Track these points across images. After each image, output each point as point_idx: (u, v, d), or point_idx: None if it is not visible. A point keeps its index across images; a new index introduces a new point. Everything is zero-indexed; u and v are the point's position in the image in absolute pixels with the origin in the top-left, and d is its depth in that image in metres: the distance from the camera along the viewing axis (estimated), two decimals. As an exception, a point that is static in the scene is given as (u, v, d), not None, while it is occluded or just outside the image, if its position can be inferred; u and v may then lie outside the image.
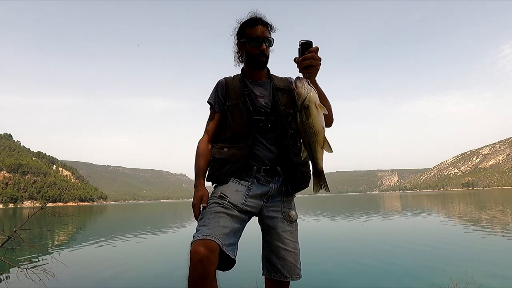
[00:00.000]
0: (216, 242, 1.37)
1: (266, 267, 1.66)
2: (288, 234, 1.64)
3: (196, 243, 1.36)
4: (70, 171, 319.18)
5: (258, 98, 1.70)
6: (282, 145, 1.65)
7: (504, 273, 5.15)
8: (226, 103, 1.71)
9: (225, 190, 1.58)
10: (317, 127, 1.39)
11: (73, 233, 14.77)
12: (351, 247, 8.13)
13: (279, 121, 1.66)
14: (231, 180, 1.62)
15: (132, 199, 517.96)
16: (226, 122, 1.71)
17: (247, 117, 1.64)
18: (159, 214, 33.80)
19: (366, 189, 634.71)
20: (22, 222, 3.55)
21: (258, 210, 1.64)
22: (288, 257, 1.62)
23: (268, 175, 1.63)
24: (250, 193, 1.60)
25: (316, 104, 1.39)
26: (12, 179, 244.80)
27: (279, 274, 1.62)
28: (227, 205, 1.53)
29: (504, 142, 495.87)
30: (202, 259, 1.32)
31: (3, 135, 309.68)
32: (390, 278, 5.11)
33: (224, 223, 1.46)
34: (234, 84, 1.74)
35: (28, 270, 3.37)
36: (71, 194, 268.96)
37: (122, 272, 6.41)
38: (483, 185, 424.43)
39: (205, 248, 1.34)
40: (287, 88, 1.75)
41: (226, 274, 1.47)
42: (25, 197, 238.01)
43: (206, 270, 1.33)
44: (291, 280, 1.63)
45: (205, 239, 1.36)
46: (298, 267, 1.66)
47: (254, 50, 1.67)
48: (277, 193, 1.67)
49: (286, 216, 1.66)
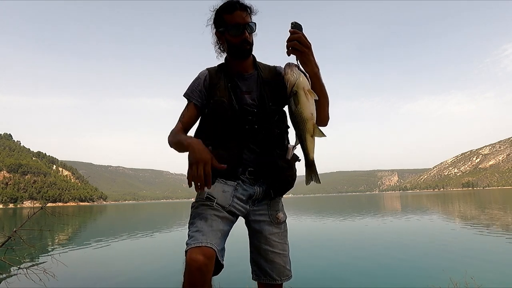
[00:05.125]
0: (213, 248, 1.33)
1: (255, 271, 1.60)
2: (276, 236, 1.58)
3: (193, 251, 1.30)
4: (70, 171, 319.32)
5: (244, 94, 1.56)
6: (267, 146, 1.54)
7: (504, 273, 5.15)
8: (210, 99, 1.56)
9: (211, 191, 1.49)
10: (305, 114, 1.31)
11: (73, 233, 14.77)
12: (350, 247, 8.13)
13: (265, 120, 1.54)
14: (217, 181, 1.52)
15: (132, 199, 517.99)
16: (207, 120, 1.58)
17: (233, 117, 1.52)
18: (159, 214, 33.80)
19: (366, 189, 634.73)
20: (22, 222, 3.55)
21: (244, 213, 1.57)
22: (276, 259, 1.55)
23: (253, 178, 1.54)
24: (237, 194, 1.52)
25: (305, 90, 1.31)
26: (12, 179, 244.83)
27: (268, 278, 1.56)
28: (216, 207, 1.46)
29: (504, 142, 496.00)
30: (201, 267, 1.28)
31: (3, 135, 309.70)
32: (390, 278, 5.11)
33: (216, 226, 1.41)
34: (218, 77, 1.58)
35: (28, 270, 3.37)
36: (71, 194, 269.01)
37: (122, 272, 6.41)
38: (483, 185, 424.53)
39: (203, 255, 1.29)
40: (275, 80, 1.61)
41: (226, 273, 1.50)
42: (25, 197, 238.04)
43: (204, 278, 1.29)
44: (281, 282, 1.57)
45: (202, 246, 1.30)
46: (288, 268, 1.60)
47: (236, 39, 1.50)
48: (263, 196, 1.58)
49: (273, 218, 1.60)
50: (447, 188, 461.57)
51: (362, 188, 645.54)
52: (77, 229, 16.79)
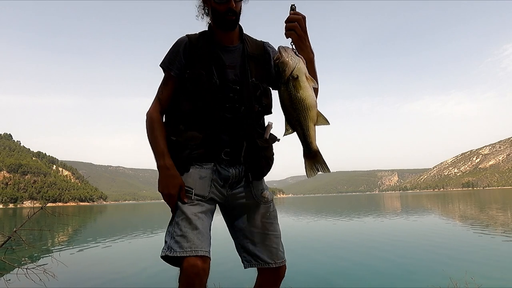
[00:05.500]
0: (208, 255, 1.29)
1: (245, 257, 1.47)
2: (265, 216, 1.47)
3: (191, 258, 1.25)
4: (70, 171, 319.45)
5: (227, 69, 1.42)
6: (245, 124, 1.41)
7: (504, 273, 5.15)
8: (187, 70, 1.40)
9: (188, 180, 1.37)
10: (309, 101, 1.24)
11: (73, 233, 14.77)
12: (350, 247, 8.12)
13: (246, 95, 1.40)
14: (192, 167, 1.39)
15: (132, 199, 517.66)
16: (183, 94, 1.41)
17: (212, 93, 1.37)
18: (159, 214, 33.79)
19: (366, 189, 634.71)
20: (22, 222, 3.55)
21: (223, 199, 1.45)
22: (267, 241, 1.44)
23: (229, 159, 1.41)
24: (215, 178, 1.40)
25: (307, 75, 1.25)
26: (12, 179, 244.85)
27: (259, 261, 1.43)
28: (195, 200, 1.35)
29: (504, 142, 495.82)
30: (200, 273, 1.25)
31: (3, 135, 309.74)
32: (390, 278, 5.11)
33: (202, 226, 1.33)
34: (199, 46, 1.42)
35: (28, 270, 3.36)
36: (71, 194, 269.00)
37: (122, 272, 6.41)
38: (483, 185, 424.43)
39: (201, 261, 1.26)
40: (261, 56, 1.49)
41: (226, 273, 1.46)
42: (25, 197, 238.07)
43: (202, 282, 1.27)
44: (275, 266, 1.43)
45: (203, 255, 1.27)
46: (281, 250, 1.47)
47: (221, 7, 1.36)
48: (240, 179, 1.46)
49: (259, 198, 1.48)
50: (447, 188, 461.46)
51: (362, 188, 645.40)
52: (77, 229, 16.79)
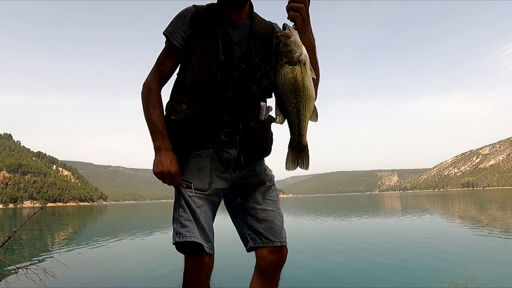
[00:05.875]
0: (212, 252, 1.30)
1: (249, 234, 1.42)
2: (268, 194, 1.45)
3: (199, 254, 1.26)
4: (70, 171, 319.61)
5: (234, 46, 1.33)
6: (241, 105, 1.35)
7: (504, 273, 5.14)
8: (192, 42, 1.30)
9: (185, 174, 1.31)
10: (312, 92, 1.17)
11: (73, 233, 14.77)
12: (350, 247, 8.12)
13: (248, 76, 1.34)
14: (191, 157, 1.33)
15: (132, 199, 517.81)
16: (186, 68, 1.33)
17: (216, 69, 1.28)
18: (159, 214, 33.79)
19: (366, 189, 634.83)
20: (22, 222, 3.55)
21: (228, 184, 1.40)
22: (271, 217, 1.40)
23: (228, 140, 1.35)
24: (215, 165, 1.34)
25: (310, 65, 1.19)
26: (12, 179, 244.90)
27: (263, 239, 1.38)
28: (196, 194, 1.30)
29: (504, 142, 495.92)
30: (205, 267, 1.27)
31: (3, 135, 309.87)
32: (390, 278, 5.11)
33: (205, 218, 1.30)
34: (206, 18, 1.32)
35: (28, 270, 3.36)
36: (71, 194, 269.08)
37: (122, 272, 6.41)
38: (483, 185, 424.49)
39: (208, 257, 1.27)
40: (269, 36, 1.38)
41: (226, 273, 1.47)
42: (25, 197, 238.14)
43: (207, 277, 1.29)
44: (280, 244, 1.39)
45: (206, 252, 1.27)
46: (284, 230, 1.44)
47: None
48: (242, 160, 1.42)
49: (263, 176, 1.45)
50: (447, 188, 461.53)
51: (362, 188, 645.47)
52: (77, 229, 16.79)
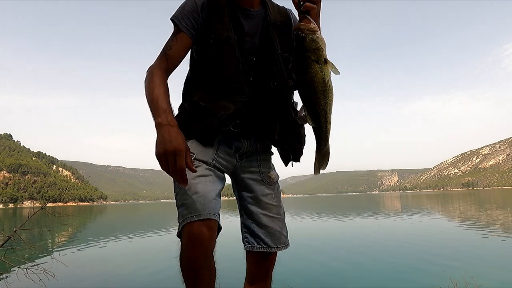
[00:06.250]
0: (215, 219, 1.14)
1: (247, 238, 1.37)
2: (269, 198, 1.37)
3: (196, 224, 1.10)
4: (70, 171, 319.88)
5: (246, 37, 1.23)
6: (279, 101, 1.29)
7: (504, 273, 5.14)
8: (211, 35, 1.19)
9: (189, 145, 1.18)
10: (333, 94, 1.11)
11: (73, 233, 14.77)
12: (350, 247, 8.12)
13: (276, 69, 1.26)
14: (192, 141, 1.23)
15: (132, 199, 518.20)
16: (205, 60, 1.22)
17: (239, 60, 1.20)
18: (159, 214, 33.80)
19: (366, 189, 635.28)
20: (22, 222, 3.55)
21: (231, 169, 1.34)
22: (270, 223, 1.34)
23: (238, 131, 1.28)
24: (221, 147, 1.27)
25: None
26: (12, 179, 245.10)
27: (262, 245, 1.34)
28: (197, 164, 1.19)
29: (504, 142, 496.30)
30: (204, 240, 1.11)
31: (3, 135, 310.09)
32: (390, 278, 5.11)
33: (207, 188, 1.17)
34: (218, 5, 1.20)
35: (28, 270, 3.36)
36: (71, 194, 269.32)
37: (122, 272, 6.41)
38: (483, 185, 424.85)
39: (207, 228, 1.11)
40: (285, 24, 1.30)
41: (226, 273, 1.36)
42: (25, 197, 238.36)
43: (208, 251, 1.13)
44: (277, 250, 1.36)
45: (205, 219, 1.11)
46: (284, 234, 1.39)
47: None
48: (252, 150, 1.35)
49: (265, 177, 1.38)
50: (447, 188, 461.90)
51: (362, 188, 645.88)
52: (77, 229, 16.78)
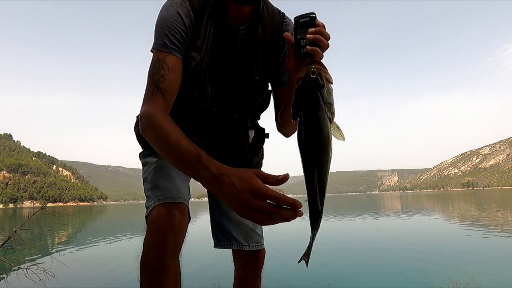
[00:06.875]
0: (185, 204, 1.00)
1: (217, 235, 1.26)
2: None
3: (170, 205, 0.95)
4: (70, 171, 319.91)
5: (222, 58, 1.05)
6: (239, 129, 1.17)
7: (504, 273, 5.15)
8: (190, 52, 0.98)
9: None
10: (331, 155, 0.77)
11: (73, 233, 14.78)
12: (350, 247, 8.12)
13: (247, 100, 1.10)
14: None
15: (132, 199, 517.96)
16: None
17: (207, 85, 1.04)
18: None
19: (366, 189, 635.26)
20: (22, 222, 3.55)
21: None
22: (243, 220, 1.21)
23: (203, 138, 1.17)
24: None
25: None
26: (12, 179, 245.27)
27: (233, 242, 1.23)
28: None
29: (504, 142, 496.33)
30: (175, 225, 0.93)
31: (3, 135, 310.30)
32: (390, 278, 5.11)
33: (178, 173, 1.04)
34: (203, 18, 0.99)
35: (28, 270, 3.37)
36: (71, 194, 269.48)
37: (122, 272, 6.41)
38: (483, 185, 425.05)
39: (178, 210, 0.95)
40: (274, 41, 1.06)
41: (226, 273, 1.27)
42: (25, 197, 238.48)
43: (177, 240, 0.93)
44: (249, 249, 1.24)
45: (175, 202, 0.96)
46: (258, 233, 1.26)
47: None
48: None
49: None
50: (447, 188, 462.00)
51: (362, 188, 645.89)
52: (77, 229, 16.79)
